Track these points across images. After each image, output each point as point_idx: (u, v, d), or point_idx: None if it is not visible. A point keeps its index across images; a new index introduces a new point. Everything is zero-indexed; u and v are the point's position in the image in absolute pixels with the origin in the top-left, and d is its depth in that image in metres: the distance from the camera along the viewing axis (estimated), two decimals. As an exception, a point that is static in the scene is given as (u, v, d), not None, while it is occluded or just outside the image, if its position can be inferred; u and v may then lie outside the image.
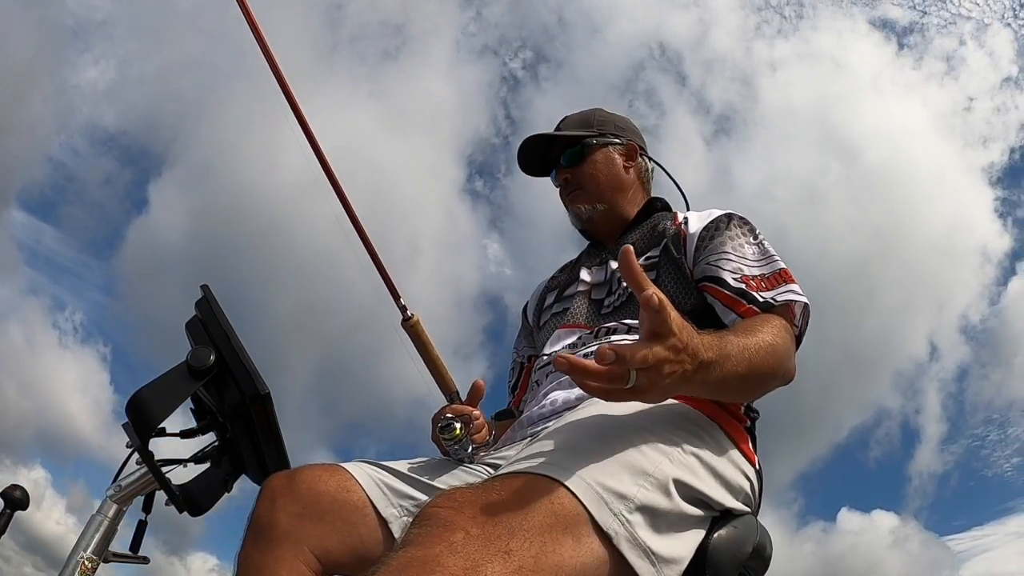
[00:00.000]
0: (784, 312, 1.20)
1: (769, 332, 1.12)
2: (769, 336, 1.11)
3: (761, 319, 1.17)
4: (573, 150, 1.55)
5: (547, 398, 1.27)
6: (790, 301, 1.20)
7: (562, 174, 1.56)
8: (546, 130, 1.60)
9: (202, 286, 1.25)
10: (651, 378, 0.78)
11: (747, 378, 1.01)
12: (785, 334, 1.16)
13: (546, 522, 0.73)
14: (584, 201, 1.53)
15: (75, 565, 1.05)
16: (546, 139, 1.58)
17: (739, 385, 1.01)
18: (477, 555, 0.66)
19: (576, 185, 1.54)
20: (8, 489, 1.15)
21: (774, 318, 1.18)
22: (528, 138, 1.59)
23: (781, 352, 1.12)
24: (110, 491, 1.14)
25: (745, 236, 1.32)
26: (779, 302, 1.20)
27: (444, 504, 0.72)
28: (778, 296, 1.21)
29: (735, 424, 1.16)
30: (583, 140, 1.55)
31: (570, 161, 1.55)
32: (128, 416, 1.08)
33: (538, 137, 1.58)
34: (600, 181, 1.53)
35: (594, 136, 1.56)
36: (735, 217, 1.37)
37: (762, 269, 1.26)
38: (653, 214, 1.50)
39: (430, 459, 1.24)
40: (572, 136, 1.56)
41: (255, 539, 1.02)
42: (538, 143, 1.59)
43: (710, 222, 1.36)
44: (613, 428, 0.92)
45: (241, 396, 1.13)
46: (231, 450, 1.20)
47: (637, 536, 0.80)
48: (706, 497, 0.95)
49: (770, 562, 1.14)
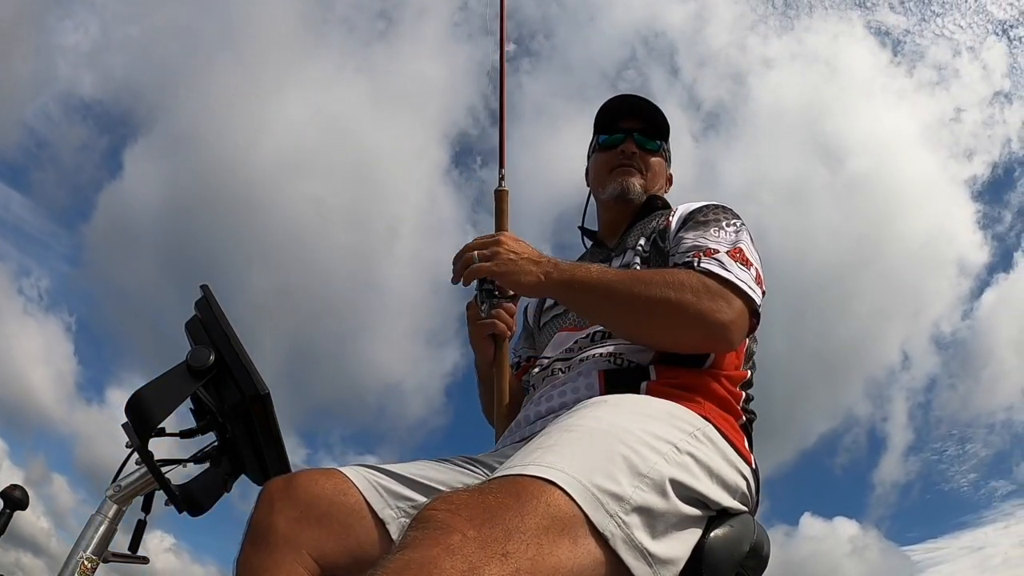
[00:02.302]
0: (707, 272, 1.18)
1: (668, 273, 1.17)
2: (663, 275, 1.16)
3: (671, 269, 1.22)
4: (654, 141, 1.57)
5: (544, 400, 1.27)
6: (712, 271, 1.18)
7: (631, 146, 1.55)
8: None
9: (202, 286, 1.25)
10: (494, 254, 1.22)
11: (601, 290, 1.17)
12: (692, 276, 1.16)
13: (543, 524, 0.73)
14: (639, 180, 1.54)
15: (75, 565, 1.05)
16: (643, 110, 1.57)
17: (593, 294, 1.19)
18: (474, 557, 0.67)
19: (641, 166, 1.55)
20: (8, 489, 1.15)
21: (688, 270, 1.19)
22: (628, 95, 1.59)
23: (669, 283, 1.14)
24: (110, 491, 1.14)
25: (717, 221, 1.33)
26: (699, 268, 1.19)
27: (441, 506, 0.72)
28: (705, 262, 1.20)
29: (731, 423, 1.17)
30: (666, 139, 1.59)
31: (646, 142, 1.56)
32: (128, 416, 1.08)
33: (638, 101, 1.58)
34: (656, 179, 1.57)
35: (669, 146, 1.61)
36: (716, 206, 1.38)
37: (718, 245, 1.25)
38: (652, 212, 1.52)
39: (428, 461, 1.24)
40: (663, 128, 1.58)
41: (254, 543, 1.02)
42: (625, 103, 1.59)
43: (692, 210, 1.39)
44: (609, 429, 0.93)
45: (241, 396, 1.13)
46: (231, 450, 1.20)
47: (633, 537, 0.81)
48: (702, 496, 0.95)
49: (768, 561, 1.14)
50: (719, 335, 1.15)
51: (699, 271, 1.18)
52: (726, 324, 1.14)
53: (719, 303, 1.15)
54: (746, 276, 1.19)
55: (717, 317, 1.14)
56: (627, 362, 1.23)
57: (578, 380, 1.25)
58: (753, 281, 1.20)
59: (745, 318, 1.19)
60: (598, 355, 1.27)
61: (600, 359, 1.26)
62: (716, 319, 1.14)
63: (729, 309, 1.15)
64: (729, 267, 1.19)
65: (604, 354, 1.26)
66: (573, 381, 1.25)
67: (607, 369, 1.23)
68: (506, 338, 1.48)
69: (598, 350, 1.28)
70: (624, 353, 1.25)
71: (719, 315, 1.14)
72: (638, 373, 1.20)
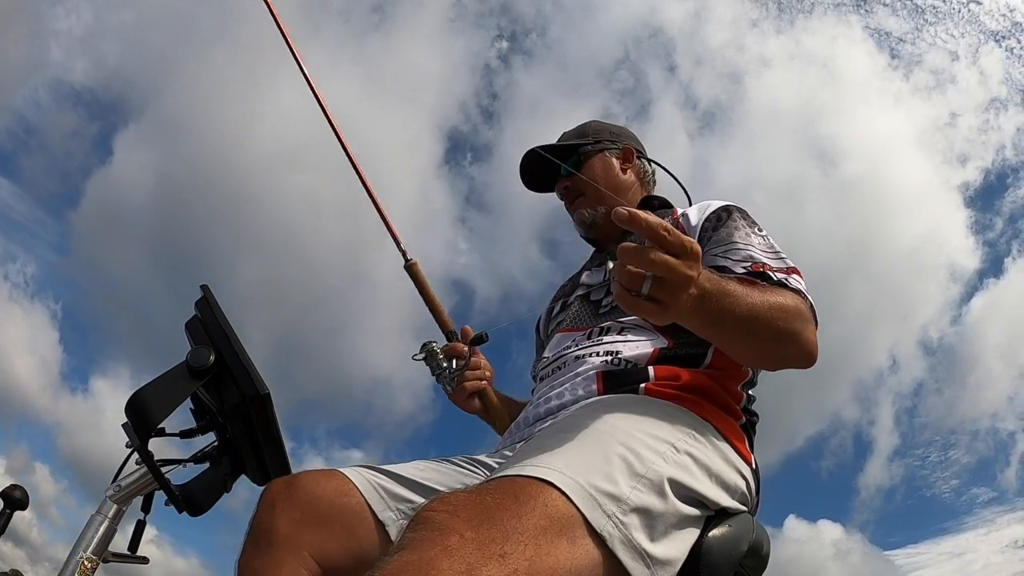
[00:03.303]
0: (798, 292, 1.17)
1: (780, 294, 1.11)
2: (780, 297, 1.09)
3: (773, 287, 1.15)
4: (571, 160, 1.59)
5: (543, 401, 1.27)
6: (802, 291, 1.17)
7: (562, 183, 1.60)
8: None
9: (202, 286, 1.25)
10: (666, 288, 0.86)
11: (749, 323, 1.01)
12: (800, 302, 1.13)
13: (541, 525, 0.73)
14: (585, 206, 1.56)
15: (75, 565, 1.06)
16: (545, 151, 1.60)
17: (740, 328, 1.01)
18: (472, 558, 0.67)
19: (576, 192, 1.57)
20: (8, 489, 1.16)
21: (787, 290, 1.16)
22: (527, 153, 1.62)
23: (792, 312, 1.09)
24: (109, 491, 1.14)
25: (750, 227, 1.32)
26: (791, 286, 1.17)
27: (439, 508, 0.72)
28: (791, 281, 1.19)
29: (730, 423, 1.16)
30: (579, 148, 1.60)
31: (568, 171, 1.58)
32: (127, 416, 1.08)
33: (534, 152, 1.61)
34: (610, 182, 1.55)
35: (589, 143, 1.60)
36: (736, 209, 1.37)
37: (774, 261, 1.24)
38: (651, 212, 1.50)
39: (428, 462, 1.25)
40: (567, 146, 1.60)
41: (255, 544, 1.03)
42: (536, 159, 1.61)
43: (711, 213, 1.37)
44: (607, 429, 0.93)
45: (241, 396, 1.13)
46: (231, 450, 1.20)
47: (632, 538, 0.81)
48: (701, 496, 0.96)
49: (768, 561, 1.14)
50: (811, 358, 1.16)
51: (793, 290, 1.17)
52: (815, 347, 1.15)
53: (811, 327, 1.15)
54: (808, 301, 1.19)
55: (810, 344, 1.14)
56: (625, 363, 1.23)
57: (576, 381, 1.25)
58: None
59: None
60: (596, 356, 1.27)
61: (598, 360, 1.26)
62: (810, 348, 1.14)
63: (815, 331, 1.16)
64: (807, 290, 1.19)
65: (602, 355, 1.26)
66: (572, 382, 1.25)
67: (605, 370, 1.23)
68: (485, 388, 1.53)
69: (596, 351, 1.28)
70: (622, 354, 1.25)
71: (812, 343, 1.14)
72: (636, 374, 1.20)
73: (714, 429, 1.09)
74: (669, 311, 0.88)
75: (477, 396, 1.52)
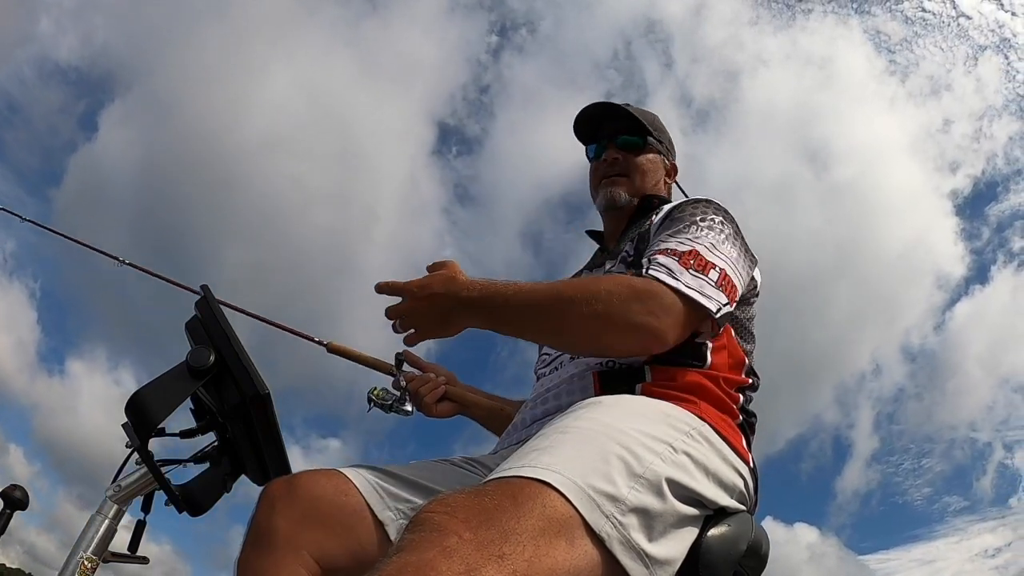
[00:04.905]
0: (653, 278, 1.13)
1: (604, 282, 1.15)
2: (595, 285, 1.13)
3: (604, 277, 1.21)
4: (635, 138, 1.53)
5: (540, 402, 1.27)
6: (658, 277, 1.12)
7: (613, 152, 1.53)
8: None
9: (202, 286, 1.25)
10: (410, 321, 1.21)
11: (532, 315, 1.14)
12: (631, 285, 1.11)
13: (539, 525, 0.74)
14: (625, 188, 1.51)
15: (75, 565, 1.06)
16: (617, 112, 1.55)
17: (525, 321, 1.16)
18: (471, 559, 0.67)
19: (622, 170, 1.52)
20: (8, 489, 1.16)
21: (626, 277, 1.17)
22: (597, 103, 1.56)
23: (600, 297, 1.08)
24: (110, 491, 1.15)
25: (693, 218, 1.27)
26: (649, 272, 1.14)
27: (438, 509, 0.72)
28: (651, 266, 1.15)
29: (728, 422, 1.16)
30: (650, 133, 1.54)
31: (626, 145, 1.53)
32: (127, 416, 1.08)
33: (609, 105, 1.55)
34: (647, 177, 1.52)
35: (658, 138, 1.56)
36: (698, 201, 1.34)
37: (680, 247, 1.19)
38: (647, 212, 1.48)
39: (428, 462, 1.25)
40: (642, 124, 1.53)
41: (255, 544, 1.03)
42: (599, 108, 1.56)
43: (672, 207, 1.35)
44: (604, 430, 0.93)
45: (241, 396, 1.13)
46: (231, 450, 1.20)
47: (630, 538, 0.81)
48: (699, 495, 0.96)
49: (767, 560, 1.14)
50: (649, 340, 1.11)
51: (647, 277, 1.14)
52: (656, 329, 1.10)
53: (651, 306, 1.10)
54: (696, 282, 1.14)
55: (646, 321, 1.09)
56: (622, 363, 1.23)
57: (573, 382, 1.25)
58: (711, 286, 1.15)
59: (686, 323, 1.14)
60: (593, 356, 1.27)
61: (595, 360, 1.25)
62: (645, 324, 1.09)
63: (664, 315, 1.10)
64: (678, 275, 1.14)
65: None
66: (568, 383, 1.25)
67: (602, 370, 1.23)
68: (445, 391, 1.56)
69: None
70: None
71: (649, 320, 1.09)
72: (633, 374, 1.20)
73: (712, 428, 1.09)
74: (425, 334, 1.22)
75: (445, 401, 1.55)
